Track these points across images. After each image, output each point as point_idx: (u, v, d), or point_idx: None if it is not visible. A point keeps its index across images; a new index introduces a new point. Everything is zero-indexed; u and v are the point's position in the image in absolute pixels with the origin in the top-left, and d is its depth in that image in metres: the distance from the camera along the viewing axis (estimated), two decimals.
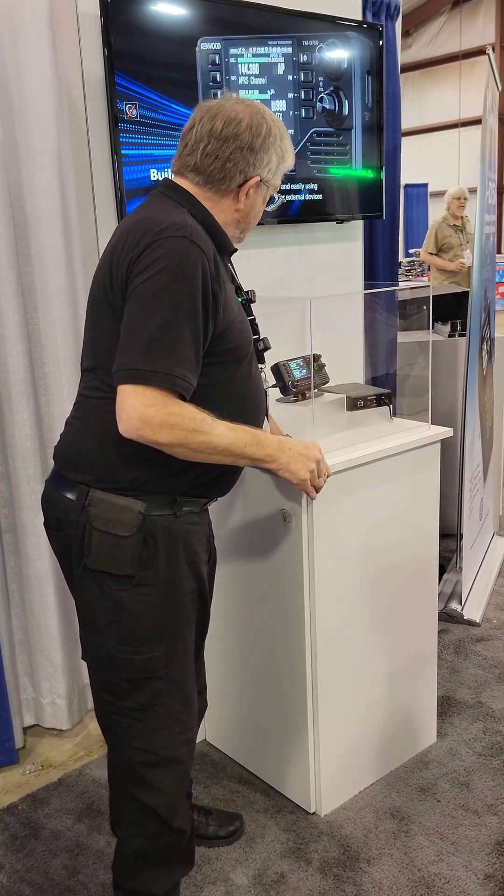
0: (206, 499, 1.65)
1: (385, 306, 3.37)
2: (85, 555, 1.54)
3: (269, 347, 1.76)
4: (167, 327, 1.39)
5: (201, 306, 1.43)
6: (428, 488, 2.22)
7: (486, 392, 3.55)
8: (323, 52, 2.62)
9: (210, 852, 2.03)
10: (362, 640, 2.14)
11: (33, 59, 2.18)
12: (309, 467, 1.64)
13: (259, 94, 2.47)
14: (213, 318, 1.47)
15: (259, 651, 2.16)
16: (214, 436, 1.45)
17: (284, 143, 1.61)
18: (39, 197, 2.26)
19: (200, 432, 1.43)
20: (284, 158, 1.61)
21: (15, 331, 2.27)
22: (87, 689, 2.61)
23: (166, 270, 1.40)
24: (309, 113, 2.63)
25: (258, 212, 1.65)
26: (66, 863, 2.03)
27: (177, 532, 1.57)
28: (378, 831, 2.09)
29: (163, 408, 1.39)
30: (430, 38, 13.85)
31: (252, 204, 1.62)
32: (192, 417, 1.42)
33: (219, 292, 1.48)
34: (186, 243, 1.42)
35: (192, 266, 1.42)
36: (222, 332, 1.51)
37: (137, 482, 1.52)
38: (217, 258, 1.52)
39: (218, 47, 2.34)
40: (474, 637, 3.01)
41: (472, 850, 2.01)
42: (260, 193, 1.62)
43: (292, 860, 2.01)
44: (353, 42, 2.71)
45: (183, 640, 1.62)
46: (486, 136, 3.14)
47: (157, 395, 1.38)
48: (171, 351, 1.39)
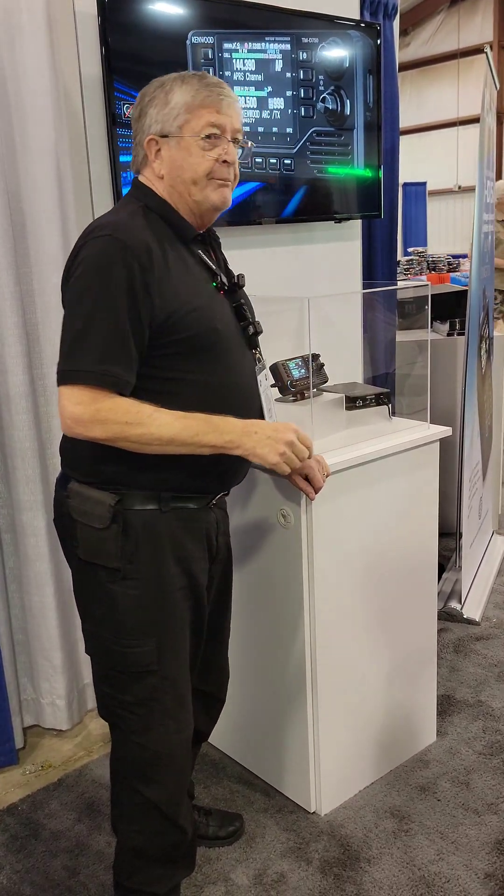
0: (200, 495, 1.63)
1: (384, 305, 3.37)
2: (75, 546, 1.60)
3: (259, 331, 1.69)
4: (88, 326, 1.43)
5: (127, 299, 1.43)
6: (427, 487, 2.22)
7: (485, 391, 3.55)
8: (321, 51, 2.62)
9: (210, 852, 2.03)
10: (362, 639, 2.14)
11: (31, 60, 2.17)
12: (278, 450, 1.55)
13: (256, 91, 2.47)
14: (147, 309, 1.45)
15: (259, 650, 2.16)
16: (155, 427, 1.44)
17: (167, 87, 1.54)
18: (37, 197, 2.26)
19: (136, 424, 1.43)
20: (169, 100, 1.53)
21: (13, 331, 2.26)
22: (87, 690, 2.61)
23: (86, 272, 1.45)
24: (307, 112, 2.63)
25: (194, 163, 1.53)
26: (66, 863, 2.03)
27: (161, 527, 1.57)
28: (378, 831, 2.09)
29: (91, 404, 1.41)
30: (428, 37, 13.83)
31: (174, 159, 1.54)
32: (126, 410, 1.43)
33: (152, 282, 1.45)
34: (108, 241, 1.45)
35: (111, 262, 1.43)
36: (169, 321, 1.47)
37: (112, 476, 1.54)
38: (167, 246, 1.51)
39: (211, 41, 2.33)
40: (474, 636, 3.01)
41: (473, 849, 2.01)
42: (172, 147, 1.53)
43: (292, 860, 2.01)
44: (351, 41, 2.71)
45: (174, 637, 1.62)
46: (484, 135, 3.14)
47: (85, 393, 1.41)
48: (92, 348, 1.42)
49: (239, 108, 1.59)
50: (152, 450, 1.47)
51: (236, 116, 1.57)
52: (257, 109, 2.49)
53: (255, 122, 2.50)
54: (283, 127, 2.57)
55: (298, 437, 1.59)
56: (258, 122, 2.50)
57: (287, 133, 2.59)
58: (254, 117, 2.49)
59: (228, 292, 1.64)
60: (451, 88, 13.81)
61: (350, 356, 3.07)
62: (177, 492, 1.58)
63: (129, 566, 1.56)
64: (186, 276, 1.54)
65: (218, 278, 1.61)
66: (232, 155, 1.56)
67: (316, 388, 2.21)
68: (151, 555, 1.57)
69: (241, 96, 2.43)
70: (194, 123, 1.52)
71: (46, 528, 2.39)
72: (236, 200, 2.51)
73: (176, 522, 1.59)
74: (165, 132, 1.54)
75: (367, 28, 2.76)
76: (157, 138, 1.55)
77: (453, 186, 14.18)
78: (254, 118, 2.49)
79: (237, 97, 1.59)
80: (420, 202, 12.90)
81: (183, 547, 1.61)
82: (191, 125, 1.52)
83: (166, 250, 1.51)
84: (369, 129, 2.83)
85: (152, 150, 1.57)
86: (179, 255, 1.55)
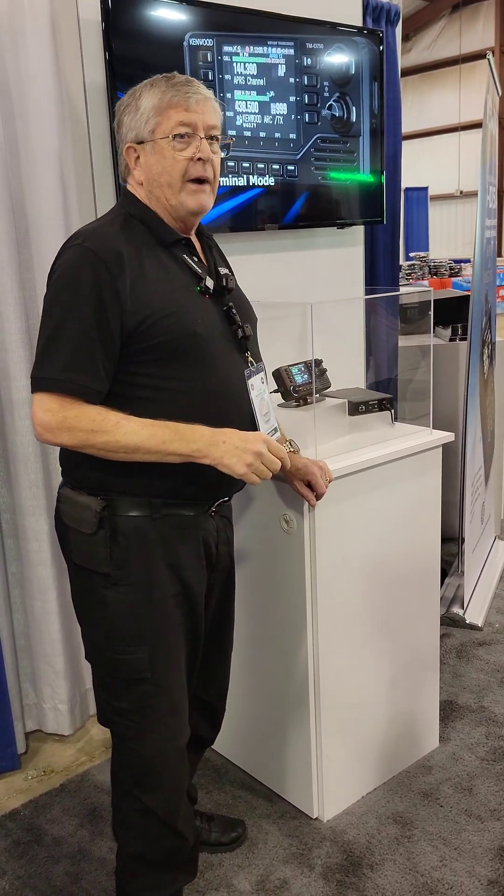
0: (194, 501, 1.61)
1: (386, 311, 3.37)
2: (69, 551, 1.62)
3: (247, 335, 1.64)
4: (56, 335, 1.44)
5: (95, 307, 1.43)
6: (429, 493, 2.22)
7: (487, 396, 3.56)
8: (323, 58, 2.63)
9: (212, 858, 2.03)
10: (364, 644, 2.14)
11: (35, 66, 2.18)
12: (245, 461, 1.50)
13: (258, 96, 2.48)
14: (116, 315, 1.45)
15: (261, 655, 2.16)
16: (121, 435, 1.43)
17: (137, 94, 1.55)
18: (41, 202, 2.27)
19: (101, 432, 1.43)
20: (139, 106, 1.53)
21: (17, 336, 2.27)
22: (89, 695, 2.61)
23: (57, 281, 1.48)
24: (310, 118, 2.63)
25: (168, 166, 1.52)
26: (68, 869, 2.03)
27: (152, 534, 1.56)
28: (381, 837, 2.08)
29: (59, 412, 1.43)
30: (430, 43, 13.88)
31: (150, 164, 1.54)
32: (91, 419, 1.43)
33: (123, 289, 1.45)
34: (77, 250, 1.47)
35: (80, 271, 1.45)
36: (141, 327, 1.47)
37: (101, 482, 1.55)
38: (145, 251, 1.51)
39: (211, 43, 2.34)
40: (476, 641, 3.00)
41: (476, 855, 2.01)
42: (148, 152, 1.54)
43: (295, 866, 2.00)
44: (354, 47, 2.72)
45: (167, 644, 1.61)
46: (486, 141, 3.14)
47: (53, 400, 1.43)
48: (59, 356, 1.43)
49: (213, 104, 1.55)
50: (119, 457, 1.46)
51: (209, 113, 1.54)
52: (259, 114, 2.49)
53: (257, 128, 2.50)
54: (286, 132, 2.58)
55: (269, 447, 1.54)
56: (260, 127, 2.51)
57: (290, 139, 2.60)
58: (255, 122, 2.49)
59: (215, 295, 1.61)
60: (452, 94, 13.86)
61: (352, 361, 3.08)
62: (167, 498, 1.57)
63: (119, 572, 1.56)
64: (164, 282, 1.52)
65: (202, 282, 1.59)
66: (205, 152, 1.53)
67: (318, 393, 2.21)
68: (142, 561, 1.56)
69: (241, 100, 2.44)
70: (165, 125, 1.52)
71: (49, 533, 2.39)
72: (239, 206, 2.52)
73: (169, 529, 1.58)
74: (140, 138, 1.55)
75: (370, 34, 2.77)
76: (134, 145, 1.56)
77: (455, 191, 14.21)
78: (255, 123, 2.49)
79: (209, 94, 1.56)
80: (422, 207, 12.93)
81: (175, 554, 1.60)
82: (162, 127, 1.52)
83: (143, 256, 1.51)
84: (372, 135, 2.84)
85: (131, 158, 1.58)
86: (159, 260, 1.54)
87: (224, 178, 2.44)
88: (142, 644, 1.58)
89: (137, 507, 1.55)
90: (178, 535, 1.60)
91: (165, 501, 1.56)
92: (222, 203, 2.47)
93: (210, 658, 1.82)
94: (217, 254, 1.73)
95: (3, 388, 2.33)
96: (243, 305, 1.71)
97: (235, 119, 2.43)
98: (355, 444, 2.12)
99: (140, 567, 1.56)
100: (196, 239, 1.67)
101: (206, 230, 1.72)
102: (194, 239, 1.66)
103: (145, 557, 1.56)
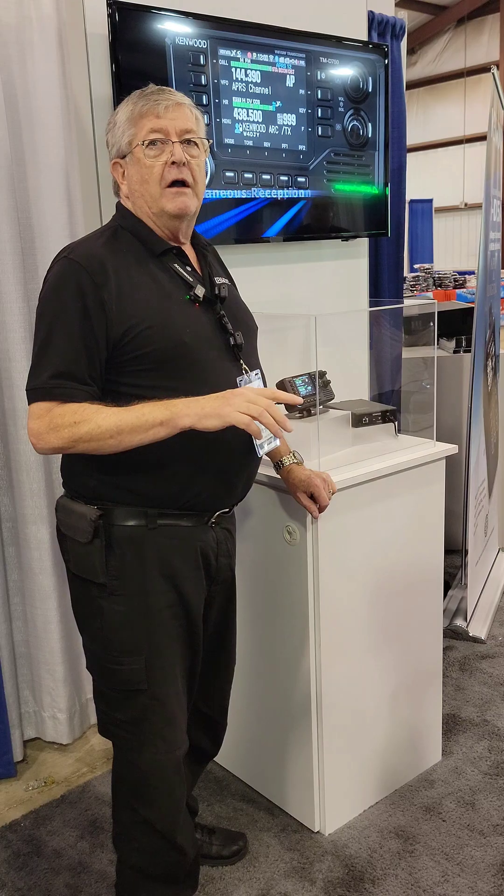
0: (191, 512, 1.59)
1: (390, 322, 3.37)
2: (68, 560, 1.63)
3: (238, 344, 1.61)
4: (44, 346, 1.48)
5: (80, 317, 1.46)
6: (433, 505, 2.22)
7: (491, 408, 3.55)
8: (330, 71, 2.65)
9: (213, 871, 2.02)
10: (367, 656, 2.13)
11: (41, 77, 2.20)
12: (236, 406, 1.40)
13: (262, 105, 2.48)
14: (101, 325, 1.46)
15: (263, 667, 2.15)
16: (101, 419, 1.42)
17: (116, 110, 1.60)
18: (47, 213, 2.28)
19: (83, 422, 1.42)
20: (116, 121, 1.58)
21: (21, 346, 2.28)
22: (89, 704, 2.61)
23: (45, 295, 1.51)
24: (317, 131, 2.64)
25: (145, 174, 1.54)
26: (68, 881, 2.02)
27: (147, 544, 1.56)
28: (383, 851, 2.07)
29: (45, 416, 1.45)
30: (435, 56, 13.94)
31: (132, 175, 1.57)
32: (73, 411, 1.44)
33: (108, 299, 1.46)
34: (63, 263, 1.50)
35: (65, 283, 1.48)
36: (126, 337, 1.47)
37: (97, 491, 1.56)
38: (133, 262, 1.53)
39: (216, 57, 2.35)
40: (479, 654, 2.99)
41: (478, 870, 1.99)
42: (129, 165, 1.57)
43: (296, 880, 1.99)
44: (359, 61, 2.73)
45: (164, 656, 1.60)
46: (490, 154, 3.15)
47: (41, 408, 1.46)
48: (47, 365, 1.46)
49: (186, 109, 1.56)
50: (109, 445, 1.43)
51: (181, 118, 1.55)
52: (262, 123, 2.50)
53: (261, 138, 2.51)
54: (294, 144, 2.59)
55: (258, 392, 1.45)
56: (265, 137, 2.52)
57: (299, 150, 2.61)
58: (259, 132, 2.49)
59: (207, 304, 1.61)
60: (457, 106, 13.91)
61: (356, 373, 3.08)
62: (163, 508, 1.56)
63: (115, 582, 1.56)
64: (152, 292, 1.53)
65: (192, 291, 1.58)
66: (178, 155, 1.53)
67: (322, 405, 2.22)
68: (137, 571, 1.56)
69: (243, 108, 2.44)
70: (139, 135, 1.54)
71: (50, 542, 2.40)
72: (243, 218, 2.52)
73: (164, 540, 1.58)
74: (122, 153, 1.58)
75: (375, 49, 2.79)
76: (119, 160, 1.60)
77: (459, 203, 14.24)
78: (259, 133, 2.50)
79: (183, 99, 1.58)
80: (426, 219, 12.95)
81: (171, 565, 1.59)
82: (136, 137, 1.55)
83: (130, 267, 1.53)
84: (377, 148, 2.85)
85: (118, 174, 1.61)
86: (147, 270, 1.55)
87: (230, 191, 2.46)
88: (138, 655, 1.58)
89: (133, 517, 1.55)
90: (175, 546, 1.59)
91: (161, 512, 1.56)
92: (226, 213, 2.48)
93: (211, 671, 1.81)
94: (215, 262, 1.73)
95: (6, 398, 2.34)
96: (240, 314, 1.70)
97: (234, 127, 2.44)
98: (358, 455, 2.12)
99: (136, 577, 1.56)
100: (192, 248, 1.68)
101: (204, 239, 1.73)
102: (189, 248, 1.66)
103: (141, 568, 1.56)
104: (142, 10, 2.19)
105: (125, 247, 1.56)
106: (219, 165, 2.42)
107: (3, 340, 2.29)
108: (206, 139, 1.62)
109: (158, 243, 1.58)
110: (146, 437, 1.43)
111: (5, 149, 2.18)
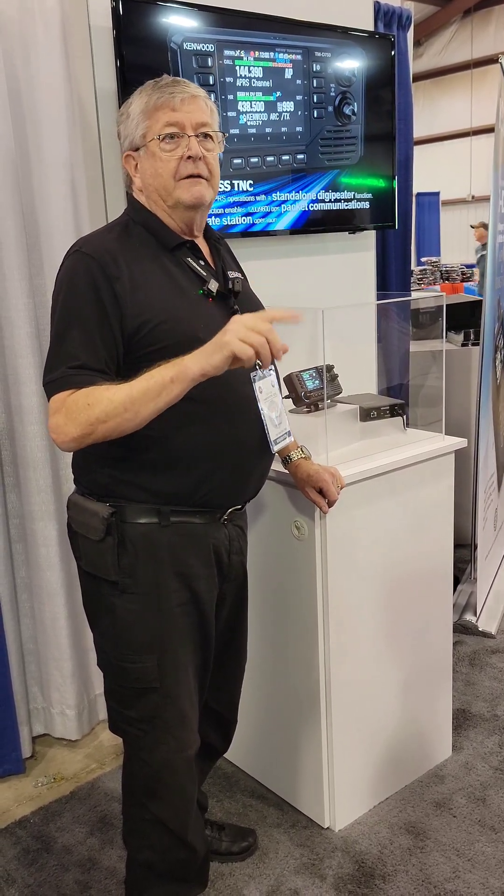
0: (204, 509, 1.58)
1: (398, 316, 3.36)
2: (79, 557, 1.62)
3: None
4: (59, 340, 1.46)
5: (94, 310, 1.44)
6: (442, 499, 2.21)
7: (500, 401, 3.53)
8: (334, 62, 2.62)
9: (223, 867, 2.02)
10: (376, 652, 2.12)
11: (45, 72, 2.19)
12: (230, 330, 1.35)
13: (264, 96, 2.46)
14: (116, 318, 1.45)
15: (272, 663, 2.15)
16: (111, 394, 1.38)
17: (129, 101, 1.57)
18: (52, 209, 2.27)
19: (96, 402, 1.38)
20: (130, 113, 1.55)
21: (26, 342, 2.27)
22: (98, 701, 2.61)
23: (59, 290, 1.50)
24: (320, 123, 2.63)
25: (160, 167, 1.52)
26: (78, 877, 2.02)
27: (160, 542, 1.55)
28: (393, 847, 2.06)
29: (62, 408, 1.42)
30: (442, 48, 13.85)
31: (145, 169, 1.55)
32: (85, 394, 1.40)
33: (121, 292, 1.45)
34: (77, 257, 1.49)
35: (79, 276, 1.46)
36: (139, 332, 1.45)
37: (109, 488, 1.54)
38: (145, 256, 1.52)
39: (221, 50, 2.33)
40: (489, 649, 2.98)
41: (489, 866, 1.98)
42: (143, 157, 1.55)
43: (306, 876, 1.98)
44: (365, 52, 2.71)
45: (176, 654, 1.60)
46: (498, 145, 3.13)
47: (58, 400, 1.43)
48: (64, 357, 1.44)
49: (202, 102, 1.54)
50: (127, 420, 1.38)
51: (197, 111, 1.53)
52: (265, 113, 2.48)
53: (266, 130, 2.49)
54: (297, 134, 2.57)
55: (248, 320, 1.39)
56: (270, 128, 2.50)
57: (302, 141, 2.59)
58: (261, 120, 2.48)
59: (221, 298, 1.59)
60: (464, 99, 13.83)
61: (364, 367, 3.06)
62: (176, 506, 1.55)
63: (128, 580, 1.55)
64: (165, 286, 1.51)
65: (205, 285, 1.57)
66: (195, 149, 1.51)
67: (330, 399, 2.20)
68: (150, 569, 1.55)
69: (248, 100, 2.43)
70: (154, 127, 1.52)
71: (58, 538, 2.39)
72: (251, 211, 2.51)
73: (177, 538, 1.57)
74: (135, 145, 1.56)
75: (381, 39, 2.76)
76: (131, 153, 1.57)
77: (467, 196, 14.17)
78: (262, 121, 2.48)
79: (199, 91, 1.55)
80: (433, 212, 12.91)
81: (184, 562, 1.58)
82: (151, 130, 1.52)
83: (143, 261, 1.51)
84: (384, 140, 2.83)
85: (131, 166, 1.59)
86: (160, 265, 1.53)
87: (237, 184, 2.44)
88: (150, 653, 1.57)
89: (146, 515, 1.54)
90: (188, 544, 1.58)
91: (174, 509, 1.55)
92: (235, 207, 2.47)
93: (222, 668, 1.80)
94: (228, 256, 1.71)
95: (13, 394, 2.33)
96: (252, 308, 1.67)
97: (238, 118, 2.42)
98: (367, 450, 2.10)
99: (148, 575, 1.55)
100: (204, 241, 1.66)
101: (216, 233, 1.71)
102: (202, 241, 1.65)
103: (153, 565, 1.55)
104: (146, 1, 2.17)
105: (137, 241, 1.54)
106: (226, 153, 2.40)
107: (10, 337, 2.28)
108: (221, 132, 1.60)
109: (172, 237, 1.57)
110: (160, 400, 1.38)
111: (9, 144, 2.17)
